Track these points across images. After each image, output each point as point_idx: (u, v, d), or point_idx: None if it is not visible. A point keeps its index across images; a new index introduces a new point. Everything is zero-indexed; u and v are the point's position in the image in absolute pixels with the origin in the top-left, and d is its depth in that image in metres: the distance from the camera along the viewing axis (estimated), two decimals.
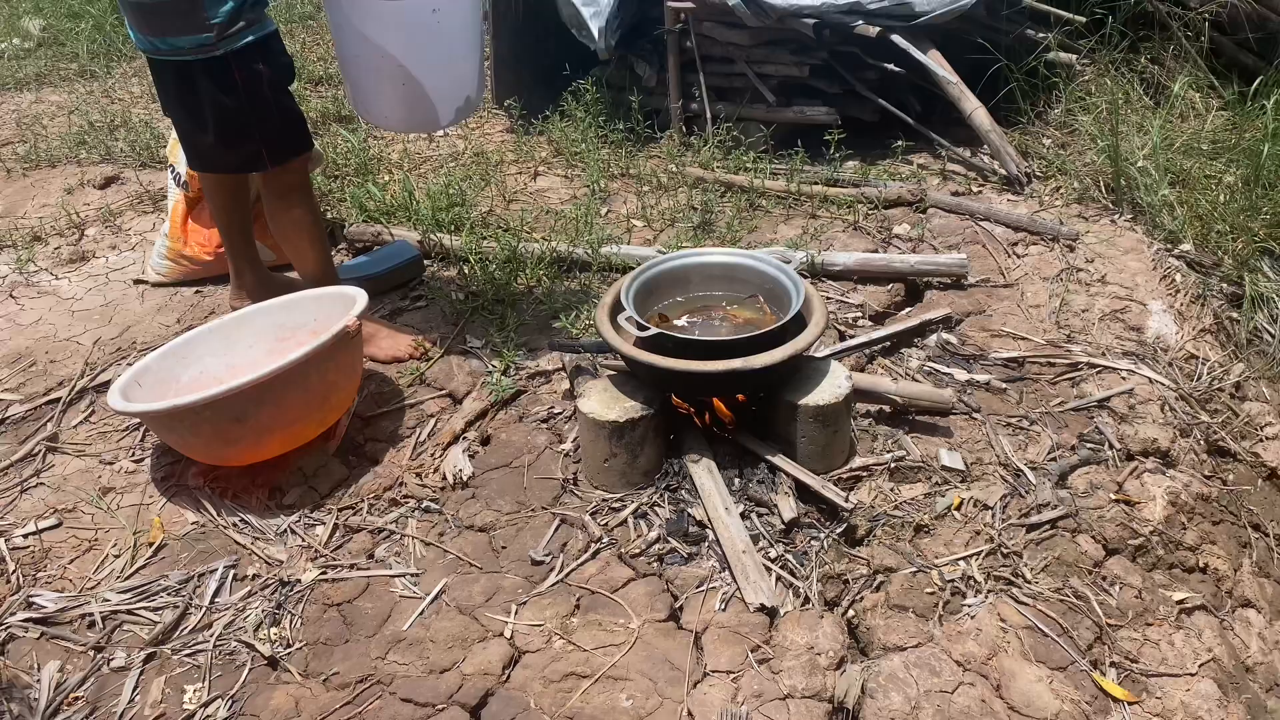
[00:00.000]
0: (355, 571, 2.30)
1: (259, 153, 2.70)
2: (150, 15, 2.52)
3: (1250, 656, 2.23)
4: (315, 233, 2.93)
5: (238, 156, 2.72)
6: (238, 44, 2.54)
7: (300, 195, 2.86)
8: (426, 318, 3.29)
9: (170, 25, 2.50)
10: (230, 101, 2.61)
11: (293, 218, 2.87)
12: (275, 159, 2.73)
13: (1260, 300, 3.29)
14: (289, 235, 2.91)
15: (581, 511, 2.39)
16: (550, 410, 2.78)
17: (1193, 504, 2.45)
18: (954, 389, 2.75)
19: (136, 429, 2.83)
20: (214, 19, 2.48)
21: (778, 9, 4.07)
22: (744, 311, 2.64)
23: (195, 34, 2.50)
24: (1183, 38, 4.34)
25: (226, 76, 2.57)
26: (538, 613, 2.12)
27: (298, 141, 2.80)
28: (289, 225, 2.89)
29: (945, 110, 4.39)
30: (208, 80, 2.58)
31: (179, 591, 2.28)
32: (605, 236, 3.63)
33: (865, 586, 2.16)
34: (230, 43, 2.53)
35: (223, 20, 2.49)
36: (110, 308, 3.53)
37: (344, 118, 5.19)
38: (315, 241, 2.94)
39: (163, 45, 2.55)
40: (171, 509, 2.55)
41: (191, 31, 2.49)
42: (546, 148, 4.67)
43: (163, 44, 2.55)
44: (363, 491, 2.54)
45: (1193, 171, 3.76)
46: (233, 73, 2.57)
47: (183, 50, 2.53)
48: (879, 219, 3.77)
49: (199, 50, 2.52)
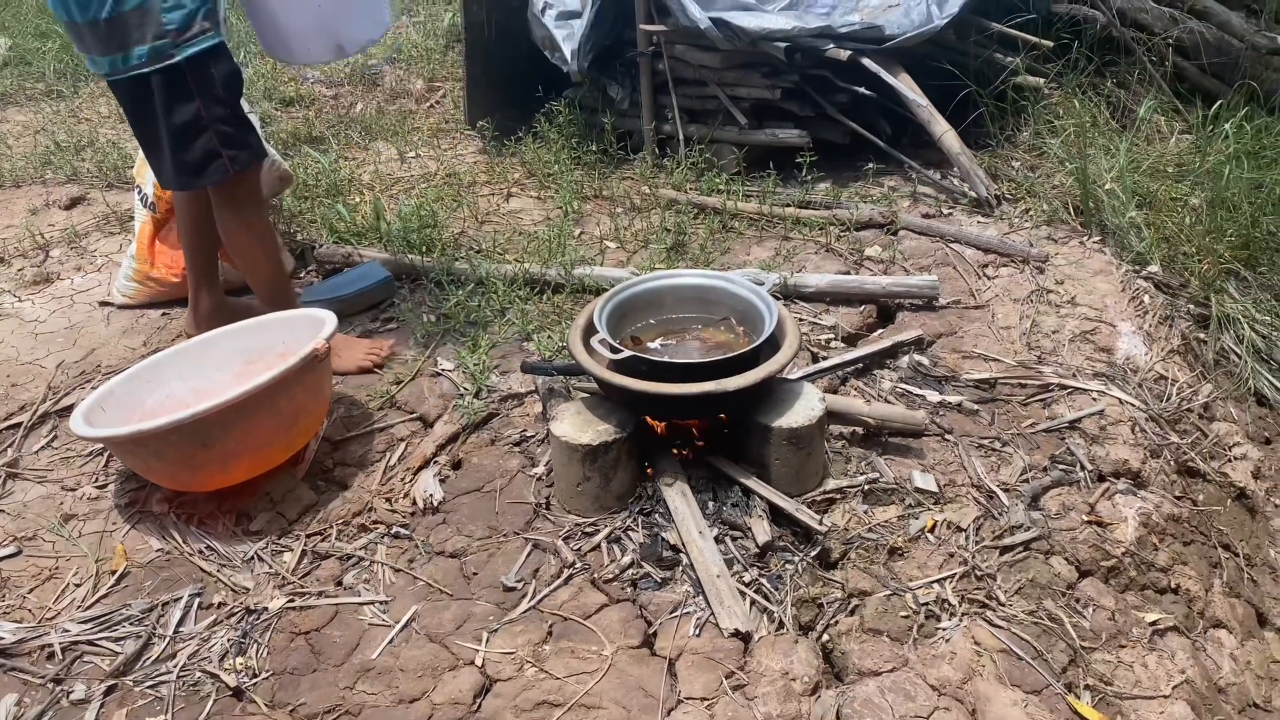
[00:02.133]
0: (323, 599, 2.26)
1: (220, 161, 2.68)
2: (109, 30, 2.49)
3: (1223, 677, 2.23)
4: (268, 245, 2.93)
5: (200, 167, 2.69)
6: (193, 50, 2.54)
7: (254, 207, 2.86)
8: (397, 340, 3.25)
9: (127, 37, 2.49)
10: (187, 111, 2.60)
11: (246, 229, 2.86)
12: (235, 164, 2.71)
13: (1226, 321, 3.33)
14: (242, 248, 2.89)
15: (554, 536, 2.36)
16: (523, 433, 2.75)
17: (1164, 525, 2.46)
18: (926, 410, 2.75)
19: (100, 454, 2.78)
20: (169, 25, 2.49)
21: (750, 32, 4.10)
22: (717, 334, 2.63)
23: (153, 41, 2.49)
24: (1147, 62, 4.41)
25: (182, 85, 2.57)
26: (509, 640, 2.09)
27: (254, 149, 2.79)
28: (242, 237, 2.87)
29: (915, 133, 4.43)
30: (164, 91, 2.57)
31: (142, 621, 2.22)
32: (578, 258, 3.62)
33: (840, 610, 2.15)
34: (186, 48, 2.52)
35: (177, 26, 2.50)
36: (75, 330, 3.47)
37: (314, 139, 5.17)
38: (268, 253, 2.93)
39: (120, 62, 2.53)
40: (135, 536, 2.50)
41: (149, 40, 2.49)
42: (519, 169, 4.67)
43: (121, 60, 2.53)
44: (331, 517, 2.50)
45: (1159, 194, 3.80)
46: (188, 81, 2.56)
47: (141, 62, 2.51)
48: (851, 241, 3.78)
49: (155, 59, 2.51)
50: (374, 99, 5.68)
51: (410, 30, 6.45)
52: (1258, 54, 4.23)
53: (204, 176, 2.70)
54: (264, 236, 2.92)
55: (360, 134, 5.27)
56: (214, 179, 2.71)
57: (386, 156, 4.96)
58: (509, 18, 5.01)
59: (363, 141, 5.20)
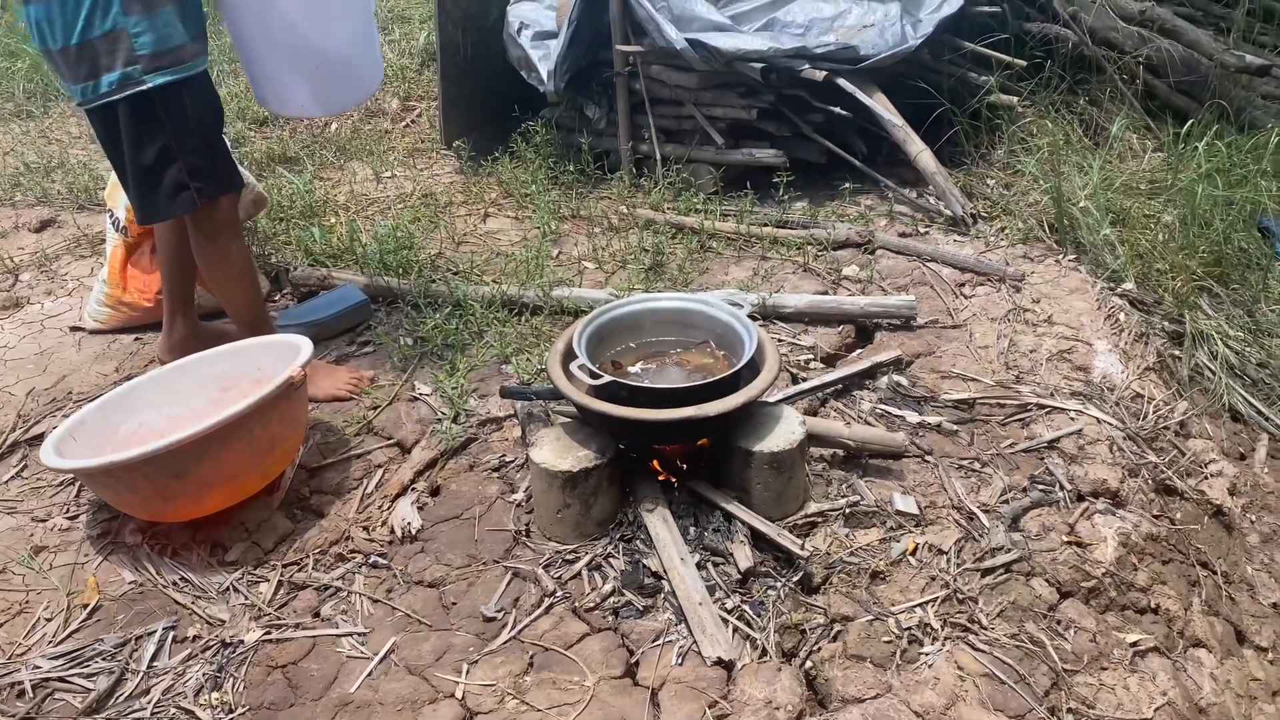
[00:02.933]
0: (300, 631, 2.22)
1: (188, 193, 2.64)
2: (79, 56, 2.46)
3: (1203, 697, 2.24)
4: (245, 272, 2.90)
5: (168, 198, 2.64)
6: (166, 79, 2.50)
7: (230, 234, 2.82)
8: (374, 363, 3.23)
9: (97, 63, 2.45)
10: (155, 142, 2.56)
11: (222, 257, 2.82)
12: (203, 195, 2.67)
13: (1200, 337, 3.36)
14: (218, 276, 2.86)
15: (534, 564, 2.34)
16: (502, 458, 2.73)
17: (1143, 544, 2.47)
18: (906, 432, 2.76)
19: (71, 484, 2.74)
20: (140, 51, 2.46)
21: (725, 53, 4.11)
22: (697, 357, 2.63)
23: (123, 67, 2.46)
24: (1118, 80, 4.46)
25: (151, 115, 2.53)
26: (490, 672, 2.07)
27: (225, 180, 2.75)
28: (218, 265, 2.84)
29: (891, 151, 4.46)
30: (131, 120, 2.53)
31: (115, 656, 2.18)
32: (557, 279, 3.60)
33: (823, 636, 2.14)
34: (158, 76, 2.49)
35: (149, 52, 2.47)
36: (45, 356, 3.42)
37: (289, 159, 5.14)
38: (245, 281, 2.90)
39: (91, 90, 2.49)
40: (108, 568, 2.45)
41: (119, 66, 2.46)
42: (496, 189, 4.65)
43: (91, 89, 2.49)
44: (308, 546, 2.47)
45: (1132, 211, 3.84)
46: (157, 110, 2.53)
47: (112, 89, 2.48)
48: (828, 260, 3.79)
49: (125, 85, 2.48)
50: (349, 118, 5.65)
51: (385, 49, 6.43)
52: (1226, 72, 4.29)
53: (172, 207, 2.66)
54: (241, 264, 2.88)
55: (335, 154, 5.24)
56: (182, 209, 2.67)
57: (362, 177, 4.94)
58: (484, 37, 5.01)
59: (338, 162, 5.17)
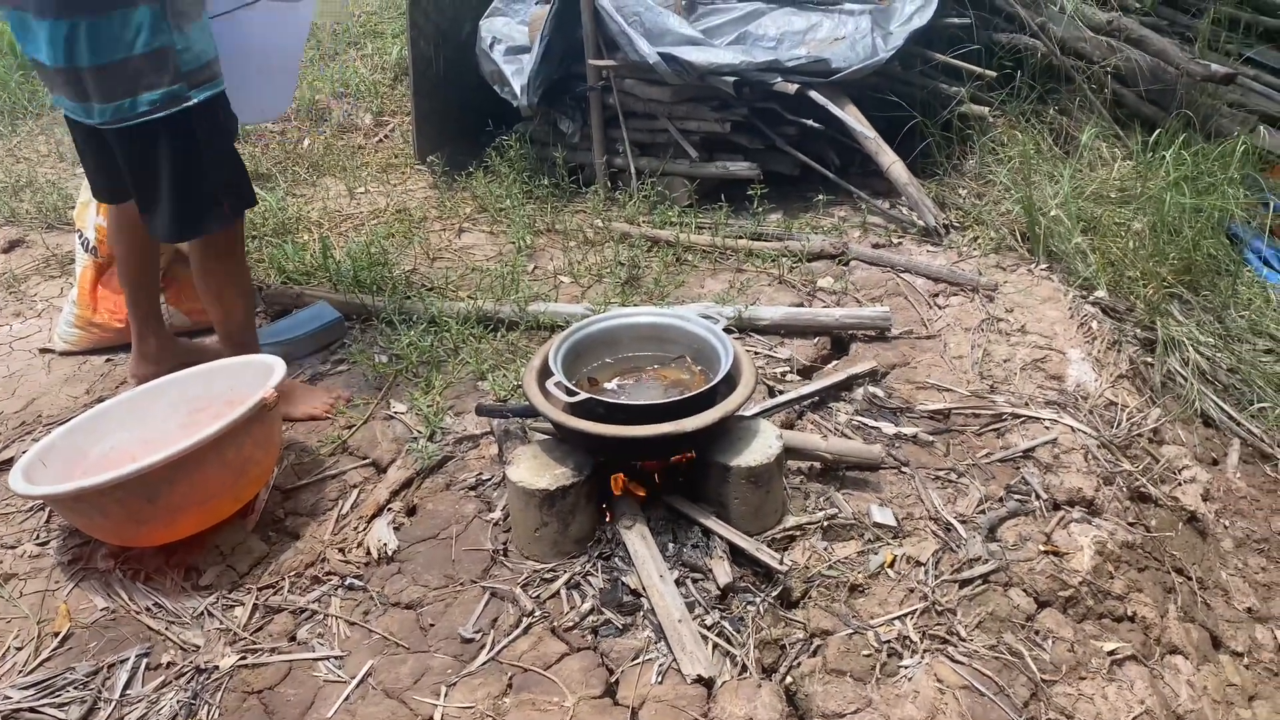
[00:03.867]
0: (276, 655, 2.20)
1: (223, 207, 2.68)
2: (118, 74, 2.41)
3: (1181, 705, 2.25)
4: (245, 286, 2.92)
5: (200, 214, 2.65)
6: (208, 93, 2.52)
7: (241, 252, 2.85)
8: (348, 382, 3.21)
9: (138, 81, 2.42)
10: (195, 157, 2.56)
11: (227, 272, 2.83)
12: (236, 210, 2.72)
13: (1172, 344, 3.39)
14: (221, 291, 2.84)
15: (512, 584, 2.33)
16: (479, 477, 2.72)
17: (1119, 552, 2.49)
18: (883, 443, 2.76)
19: (41, 509, 2.70)
20: (186, 67, 2.46)
21: (698, 67, 4.12)
22: (674, 372, 2.63)
23: (169, 85, 2.45)
24: (1087, 90, 4.50)
25: (189, 130, 2.53)
26: (468, 694, 2.05)
27: (250, 194, 2.81)
28: (222, 280, 2.83)
29: (864, 163, 4.48)
30: (170, 137, 2.51)
31: (87, 685, 2.15)
32: (532, 294, 3.59)
33: (802, 651, 2.13)
34: (202, 91, 2.51)
35: (194, 68, 2.48)
36: (14, 379, 3.38)
37: (261, 175, 5.10)
38: (243, 295, 2.91)
39: (128, 108, 2.45)
40: (79, 595, 2.42)
41: (165, 84, 2.44)
42: (471, 204, 4.64)
43: (129, 106, 2.44)
44: (283, 569, 2.45)
45: (1103, 219, 3.87)
46: (194, 126, 2.53)
47: (154, 106, 2.45)
48: (803, 272, 3.80)
49: (169, 103, 2.46)
50: (322, 134, 5.62)
51: (358, 64, 6.41)
52: (1192, 81, 4.34)
53: (204, 224, 2.66)
54: (245, 283, 2.91)
55: (308, 170, 5.21)
56: (219, 224, 2.69)
57: (335, 193, 4.91)
58: (457, 52, 5.00)
59: (310, 178, 5.14)
